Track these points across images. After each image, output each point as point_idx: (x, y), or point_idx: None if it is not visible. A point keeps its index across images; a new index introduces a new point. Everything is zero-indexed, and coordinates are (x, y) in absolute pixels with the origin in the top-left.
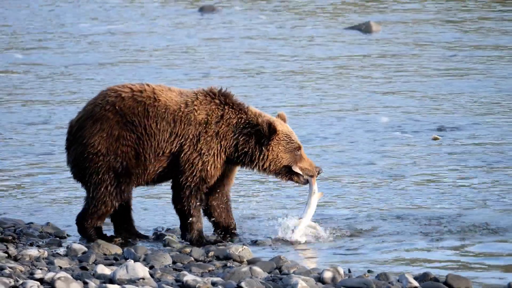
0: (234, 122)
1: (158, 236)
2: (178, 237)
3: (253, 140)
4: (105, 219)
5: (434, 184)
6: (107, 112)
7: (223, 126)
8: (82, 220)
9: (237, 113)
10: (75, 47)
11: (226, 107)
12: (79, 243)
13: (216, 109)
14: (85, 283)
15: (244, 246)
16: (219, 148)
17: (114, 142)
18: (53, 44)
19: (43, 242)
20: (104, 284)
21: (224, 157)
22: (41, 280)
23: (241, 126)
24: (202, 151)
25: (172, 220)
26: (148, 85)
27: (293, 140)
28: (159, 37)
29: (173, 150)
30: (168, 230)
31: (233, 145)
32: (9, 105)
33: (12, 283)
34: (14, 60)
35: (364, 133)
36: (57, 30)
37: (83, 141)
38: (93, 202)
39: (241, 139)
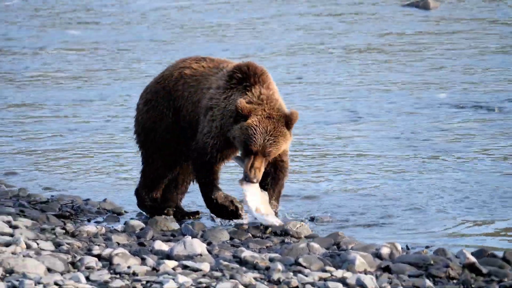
0: (232, 107)
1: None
2: None
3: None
4: (159, 191)
5: (491, 159)
6: (159, 86)
7: (219, 110)
8: (138, 193)
9: (239, 95)
10: (131, 23)
11: (233, 89)
12: (136, 219)
13: (222, 93)
14: (143, 259)
15: (302, 223)
16: (217, 132)
17: (159, 117)
18: (109, 20)
19: (100, 218)
20: (161, 260)
21: (222, 138)
22: (98, 256)
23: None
24: (205, 134)
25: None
26: (204, 60)
27: (252, 137)
28: (219, 13)
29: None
30: None
31: (225, 124)
32: (66, 82)
33: (70, 259)
34: (70, 37)
35: (421, 109)
36: (113, 7)
37: (137, 110)
38: (143, 173)
39: (228, 121)
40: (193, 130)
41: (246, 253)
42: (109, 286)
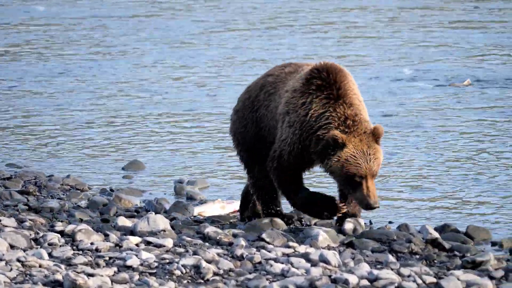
0: (315, 115)
1: (179, 190)
2: (198, 190)
3: (321, 145)
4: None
5: (453, 136)
6: (246, 95)
7: (298, 116)
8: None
9: (319, 103)
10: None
11: (312, 94)
12: (100, 195)
13: (299, 97)
14: (106, 235)
15: None
16: (295, 139)
17: (245, 128)
18: None
19: (64, 194)
20: (125, 236)
21: (301, 146)
22: (61, 233)
23: (317, 125)
24: (283, 140)
25: (193, 172)
26: (289, 66)
27: (357, 165)
28: None
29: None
30: (188, 182)
31: (305, 137)
32: (25, 58)
33: (33, 236)
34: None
35: (385, 84)
36: None
37: (231, 116)
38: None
39: (315, 137)
40: (273, 139)
41: (209, 229)
42: (72, 263)
